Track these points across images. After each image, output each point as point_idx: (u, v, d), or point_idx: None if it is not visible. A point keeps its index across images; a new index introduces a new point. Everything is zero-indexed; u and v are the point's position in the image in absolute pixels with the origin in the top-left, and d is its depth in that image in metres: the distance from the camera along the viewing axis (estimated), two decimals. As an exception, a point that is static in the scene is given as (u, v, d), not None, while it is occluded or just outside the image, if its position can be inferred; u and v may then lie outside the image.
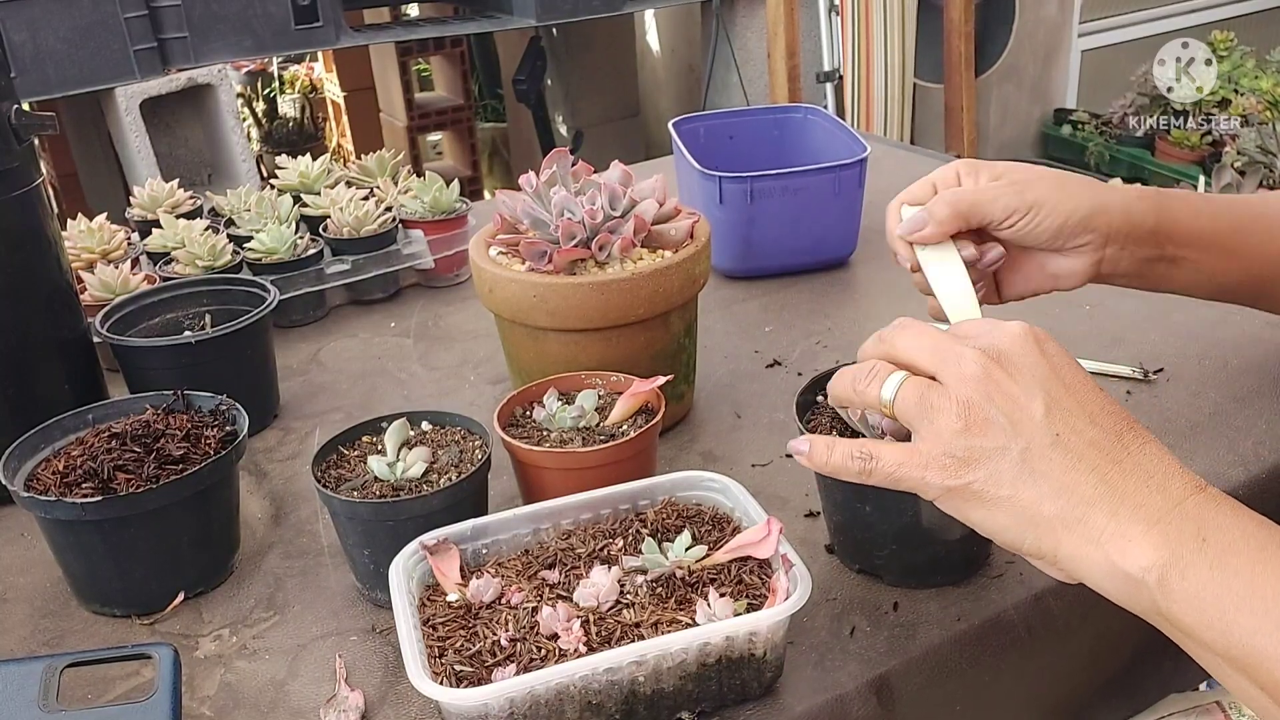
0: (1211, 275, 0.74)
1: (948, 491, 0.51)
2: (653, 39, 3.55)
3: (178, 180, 1.26)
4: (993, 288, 0.74)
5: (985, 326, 0.54)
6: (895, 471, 0.53)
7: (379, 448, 0.71)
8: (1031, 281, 0.73)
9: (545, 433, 0.72)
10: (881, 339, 0.56)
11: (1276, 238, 0.75)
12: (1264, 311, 0.80)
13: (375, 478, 0.68)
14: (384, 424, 0.71)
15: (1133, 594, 0.49)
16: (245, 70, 3.79)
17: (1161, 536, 0.48)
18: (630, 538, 0.62)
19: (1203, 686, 0.83)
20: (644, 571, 0.59)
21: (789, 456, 0.59)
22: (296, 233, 1.09)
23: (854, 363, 0.58)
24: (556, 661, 0.54)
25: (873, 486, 0.55)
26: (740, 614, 0.56)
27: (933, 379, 0.53)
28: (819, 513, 0.73)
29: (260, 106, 3.85)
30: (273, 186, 1.22)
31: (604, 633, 0.56)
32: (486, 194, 3.74)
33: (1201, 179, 2.79)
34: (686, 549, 0.60)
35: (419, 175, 1.21)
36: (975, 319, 0.55)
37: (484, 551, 0.63)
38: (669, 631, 0.55)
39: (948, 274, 0.67)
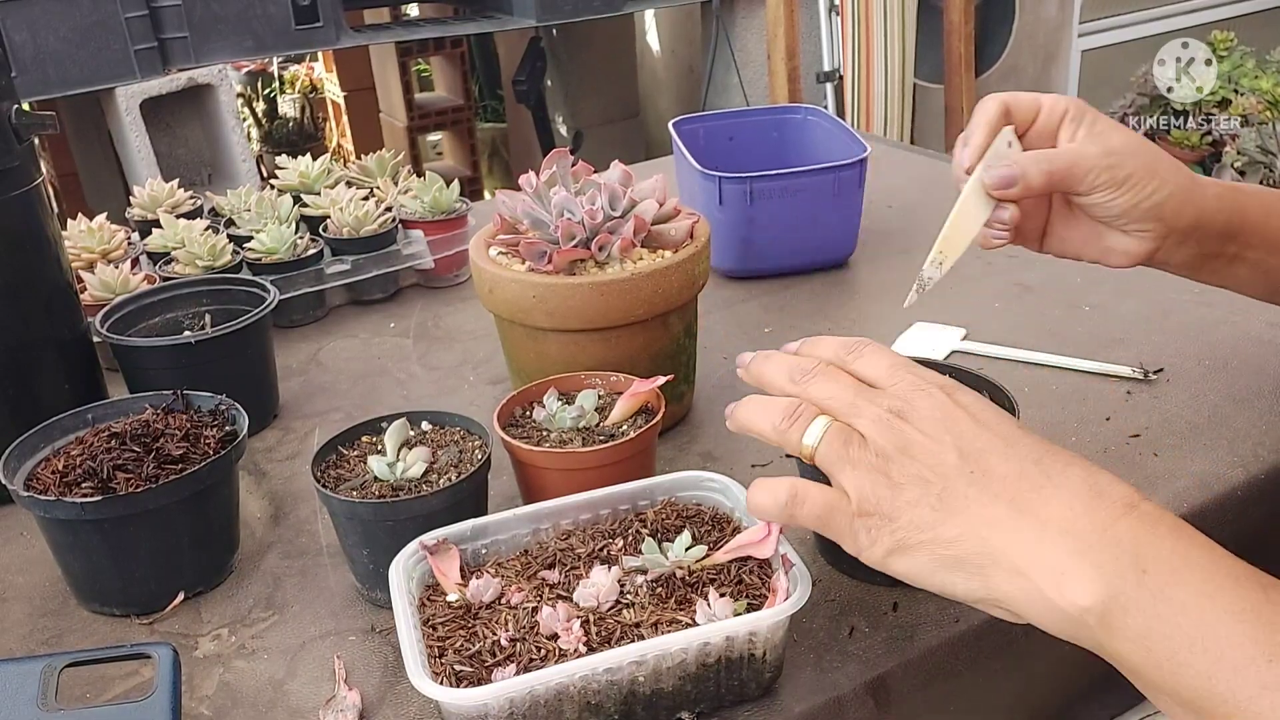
0: (1269, 275, 0.72)
1: (872, 543, 0.51)
2: (653, 39, 3.55)
3: (178, 180, 1.26)
4: (1037, 234, 0.72)
5: (900, 376, 0.53)
6: (823, 514, 0.52)
7: (379, 448, 0.71)
8: (1081, 246, 0.71)
9: (545, 433, 0.72)
10: (795, 381, 0.55)
11: None
12: None
13: (375, 478, 0.68)
14: (384, 424, 0.71)
15: (1076, 633, 0.46)
16: (245, 70, 3.79)
17: (1095, 569, 0.45)
18: (630, 538, 0.62)
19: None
20: (644, 571, 0.59)
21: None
22: (296, 233, 1.09)
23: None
24: (556, 661, 0.54)
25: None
26: (740, 614, 0.56)
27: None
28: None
29: (260, 106, 3.85)
30: (273, 186, 1.22)
31: (604, 633, 0.56)
32: (486, 194, 3.74)
33: (1201, 179, 2.79)
34: (686, 549, 0.60)
35: (419, 175, 1.21)
36: (894, 365, 0.54)
37: (484, 551, 0.63)
38: (669, 632, 0.55)
39: (972, 213, 0.65)
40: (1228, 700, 0.42)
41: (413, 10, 3.52)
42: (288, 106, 3.91)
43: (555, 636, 0.56)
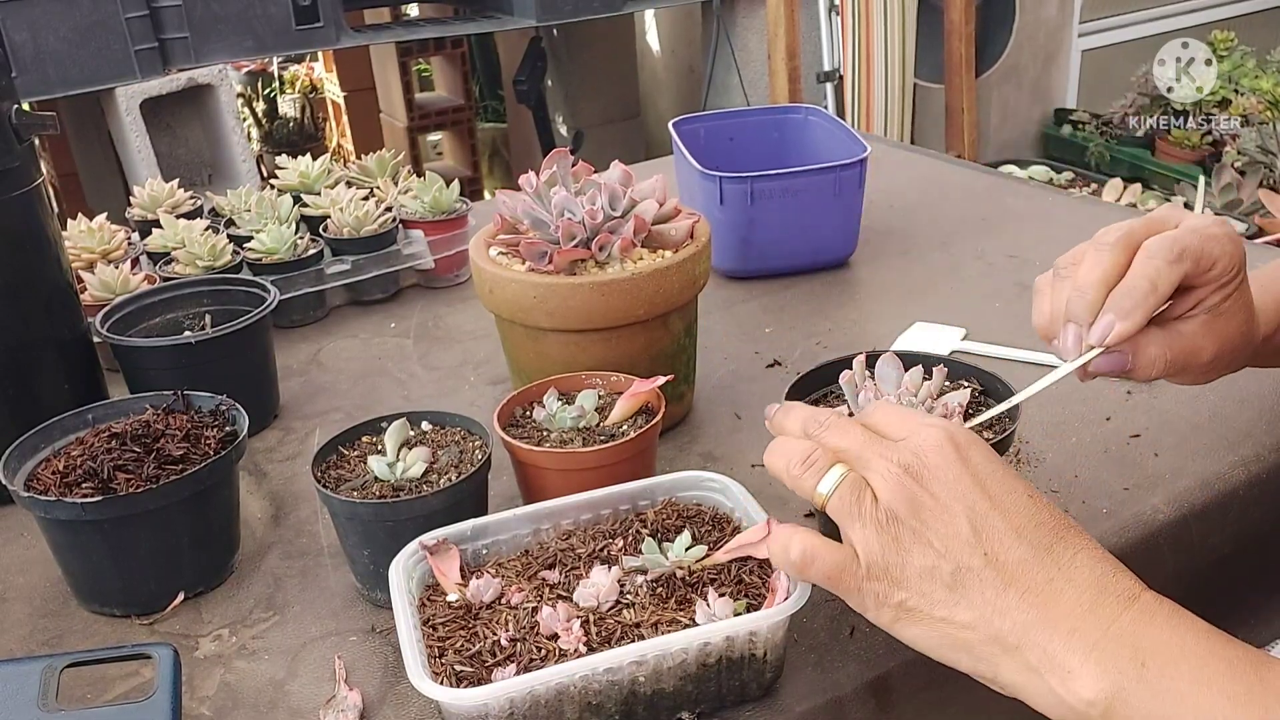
0: None
1: (879, 606, 0.51)
2: (653, 39, 3.55)
3: (178, 180, 1.26)
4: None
5: (913, 426, 0.52)
6: (832, 575, 0.52)
7: (379, 448, 0.71)
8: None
9: (545, 433, 0.72)
10: (809, 432, 0.55)
11: None
12: None
13: (375, 478, 0.68)
14: (384, 424, 0.71)
15: None
16: (245, 70, 3.79)
17: (1099, 666, 0.47)
18: (630, 538, 0.62)
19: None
20: (644, 571, 0.59)
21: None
22: (297, 233, 1.09)
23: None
24: (556, 661, 0.54)
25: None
26: (740, 614, 0.56)
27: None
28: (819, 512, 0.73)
29: (260, 106, 3.85)
30: (273, 186, 1.22)
31: (604, 633, 0.56)
32: (486, 194, 3.74)
33: (1202, 179, 2.79)
34: (686, 549, 0.60)
35: (419, 175, 1.21)
36: (906, 414, 0.54)
37: (484, 551, 0.63)
38: (669, 631, 0.55)
39: (1057, 372, 0.61)
40: None
41: (413, 10, 3.52)
42: (288, 106, 3.91)
43: (555, 636, 0.56)
